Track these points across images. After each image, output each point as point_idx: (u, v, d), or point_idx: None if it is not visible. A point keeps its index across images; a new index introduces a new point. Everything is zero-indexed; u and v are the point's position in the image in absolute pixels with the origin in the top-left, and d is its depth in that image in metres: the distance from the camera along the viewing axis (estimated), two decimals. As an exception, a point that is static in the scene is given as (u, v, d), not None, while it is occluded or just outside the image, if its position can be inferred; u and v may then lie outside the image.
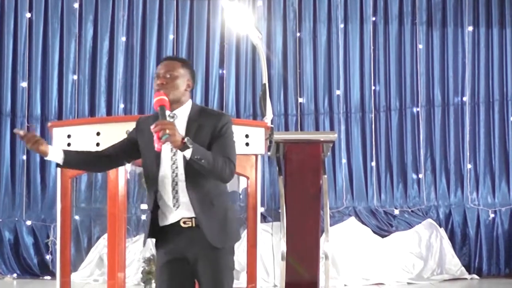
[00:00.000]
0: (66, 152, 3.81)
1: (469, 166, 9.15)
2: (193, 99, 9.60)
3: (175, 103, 3.78)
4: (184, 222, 3.75)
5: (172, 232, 3.78)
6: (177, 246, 3.77)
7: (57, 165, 3.92)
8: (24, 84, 8.94)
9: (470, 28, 9.26)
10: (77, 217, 8.56)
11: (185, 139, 3.55)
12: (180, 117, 3.78)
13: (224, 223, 3.78)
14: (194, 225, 3.74)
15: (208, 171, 3.66)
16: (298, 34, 9.21)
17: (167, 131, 3.51)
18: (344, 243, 8.54)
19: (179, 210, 3.75)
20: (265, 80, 6.52)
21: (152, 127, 3.55)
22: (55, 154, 3.76)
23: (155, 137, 3.54)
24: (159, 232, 3.82)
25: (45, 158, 3.77)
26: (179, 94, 3.79)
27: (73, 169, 4.06)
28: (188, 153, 3.57)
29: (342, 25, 9.23)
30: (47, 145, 3.72)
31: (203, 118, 3.79)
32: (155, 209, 3.80)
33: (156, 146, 3.57)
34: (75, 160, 3.87)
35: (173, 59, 3.94)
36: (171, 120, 3.71)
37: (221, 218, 3.78)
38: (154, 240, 3.87)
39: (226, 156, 3.72)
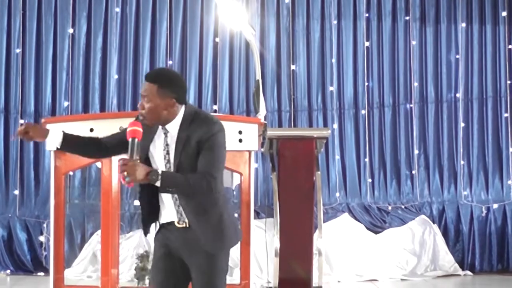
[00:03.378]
0: (65, 133, 3.81)
1: (462, 162, 9.16)
2: (188, 95, 9.60)
3: (163, 123, 3.69)
4: (178, 222, 3.73)
5: (167, 229, 3.78)
6: (172, 244, 3.77)
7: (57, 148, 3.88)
8: (18, 81, 8.92)
9: (463, 25, 9.27)
10: (70, 214, 8.54)
11: (149, 176, 3.52)
12: (171, 131, 3.69)
13: (220, 228, 3.73)
14: (188, 225, 3.71)
15: (185, 194, 3.65)
16: (291, 31, 9.21)
17: (128, 174, 3.50)
18: (338, 240, 8.54)
19: (176, 213, 3.74)
20: (258, 76, 6.53)
21: (118, 164, 3.58)
22: (54, 135, 3.77)
23: (120, 176, 3.59)
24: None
25: (46, 140, 3.79)
26: (162, 118, 3.67)
27: (69, 152, 4.02)
28: (158, 184, 3.56)
29: (335, 22, 9.23)
30: (42, 128, 3.74)
31: (193, 126, 3.67)
32: (154, 203, 3.78)
33: (123, 183, 3.61)
34: (74, 141, 3.85)
35: (151, 81, 3.67)
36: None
37: (216, 224, 3.72)
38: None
39: (206, 171, 3.62)
